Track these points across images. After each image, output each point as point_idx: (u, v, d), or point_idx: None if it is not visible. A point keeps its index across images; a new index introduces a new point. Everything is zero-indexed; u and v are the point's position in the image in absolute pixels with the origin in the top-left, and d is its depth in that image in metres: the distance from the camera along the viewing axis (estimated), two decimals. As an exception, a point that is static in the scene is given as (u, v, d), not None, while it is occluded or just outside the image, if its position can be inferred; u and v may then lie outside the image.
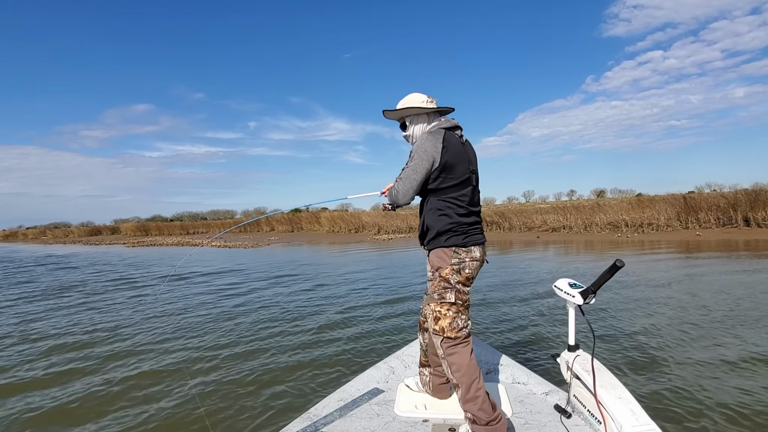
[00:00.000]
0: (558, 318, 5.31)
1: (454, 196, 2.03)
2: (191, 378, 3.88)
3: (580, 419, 2.07)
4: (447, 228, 2.02)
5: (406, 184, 2.03)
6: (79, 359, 4.58)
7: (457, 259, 2.01)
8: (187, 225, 46.21)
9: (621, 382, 1.93)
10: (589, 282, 2.02)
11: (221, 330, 5.47)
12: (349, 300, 7.04)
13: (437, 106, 2.16)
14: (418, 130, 2.16)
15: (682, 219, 17.42)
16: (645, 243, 14.28)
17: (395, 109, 2.16)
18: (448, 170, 2.00)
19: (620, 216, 18.89)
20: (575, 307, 2.10)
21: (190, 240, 30.65)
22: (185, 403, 3.38)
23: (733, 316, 5.03)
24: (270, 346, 4.72)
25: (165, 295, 8.23)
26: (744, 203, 16.22)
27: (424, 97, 2.15)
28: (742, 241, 13.36)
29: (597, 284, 1.95)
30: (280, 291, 8.22)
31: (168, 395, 3.56)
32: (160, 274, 12.01)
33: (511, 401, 2.35)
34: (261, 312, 6.44)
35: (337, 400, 2.42)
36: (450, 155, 1.99)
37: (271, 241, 25.80)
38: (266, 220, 37.08)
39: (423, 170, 1.99)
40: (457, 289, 2.01)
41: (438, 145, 1.98)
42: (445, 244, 2.01)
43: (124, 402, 3.47)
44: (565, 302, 2.11)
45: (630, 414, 1.74)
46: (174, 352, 4.67)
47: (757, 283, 6.80)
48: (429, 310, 2.05)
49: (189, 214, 75.32)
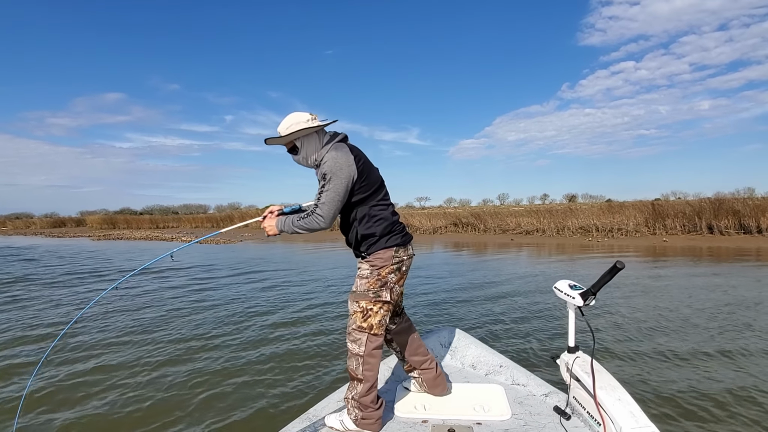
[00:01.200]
0: (558, 319, 5.33)
1: (379, 199, 2.10)
2: (189, 377, 3.83)
3: (580, 421, 2.06)
4: (387, 231, 2.07)
5: (331, 208, 1.98)
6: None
7: (397, 258, 2.08)
8: (157, 219, 44.82)
9: (621, 384, 1.91)
10: (580, 282, 2.02)
11: (212, 328, 5.27)
12: (339, 299, 6.88)
13: (321, 122, 2.09)
14: (311, 150, 2.08)
15: (650, 225, 17.92)
16: (615, 247, 14.61)
17: (283, 135, 2.05)
18: (365, 178, 2.03)
19: (591, 221, 19.30)
20: (575, 308, 2.10)
21: (159, 234, 29.74)
22: (185, 402, 3.35)
23: (722, 321, 5.13)
24: (266, 346, 4.64)
25: (149, 290, 7.88)
26: (708, 211, 16.81)
27: (306, 115, 2.07)
28: (706, 247, 13.82)
29: (597, 286, 1.95)
30: (257, 288, 7.99)
31: (168, 393, 3.53)
32: (123, 269, 11.56)
33: (510, 402, 2.34)
34: (247, 312, 6.22)
35: (336, 401, 2.38)
36: (362, 164, 2.03)
37: (245, 237, 25.29)
38: (240, 216, 36.38)
39: (344, 190, 1.98)
40: (392, 289, 2.07)
41: (350, 158, 1.99)
42: (386, 245, 2.06)
43: (123, 400, 3.42)
44: (565, 304, 2.12)
45: (629, 416, 1.74)
46: (160, 347, 4.45)
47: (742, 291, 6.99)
48: (356, 308, 2.06)
49: (160, 207, 73.19)
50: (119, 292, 7.59)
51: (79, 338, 4.90)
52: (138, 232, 34.33)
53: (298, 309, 6.23)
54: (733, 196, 18.78)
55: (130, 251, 17.62)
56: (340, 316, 5.72)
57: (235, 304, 6.68)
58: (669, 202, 20.55)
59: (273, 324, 5.48)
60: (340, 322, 5.50)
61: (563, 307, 5.82)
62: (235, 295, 7.44)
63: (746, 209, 16.19)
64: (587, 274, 8.94)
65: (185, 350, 4.53)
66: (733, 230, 16.06)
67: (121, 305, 6.67)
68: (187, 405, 3.31)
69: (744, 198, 16.86)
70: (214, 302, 6.81)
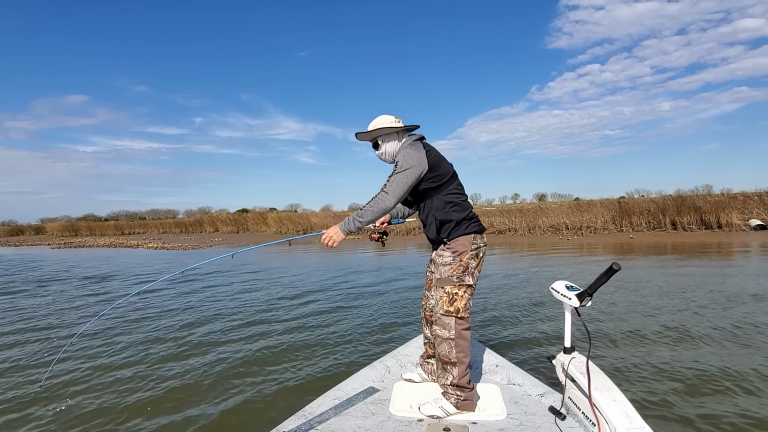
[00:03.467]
0: (554, 319, 5.29)
1: (454, 187, 2.29)
2: (184, 377, 3.83)
3: (575, 421, 2.08)
4: (464, 217, 2.24)
5: (397, 188, 2.14)
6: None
7: (476, 245, 2.24)
8: (122, 225, 43.20)
9: (616, 385, 1.92)
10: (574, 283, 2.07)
11: (207, 329, 4.97)
12: (338, 301, 6.67)
13: (404, 125, 2.39)
14: (390, 147, 2.38)
15: (617, 222, 18.39)
16: (584, 245, 14.89)
17: (368, 131, 2.36)
18: (437, 170, 2.24)
19: (561, 219, 19.66)
20: (571, 309, 2.12)
21: (124, 241, 28.61)
22: (183, 400, 3.36)
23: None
24: (262, 347, 4.62)
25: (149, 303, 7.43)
26: (672, 208, 17.37)
27: (392, 117, 2.37)
28: (670, 243, 14.24)
29: (593, 287, 1.98)
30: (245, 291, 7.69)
31: (163, 391, 3.53)
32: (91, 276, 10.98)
33: (506, 402, 2.35)
34: (244, 315, 5.93)
35: (332, 399, 2.42)
36: (433, 157, 2.25)
37: (215, 242, 24.62)
38: (210, 220, 35.47)
39: (412, 177, 2.16)
40: (473, 274, 2.24)
41: (421, 151, 2.22)
42: (466, 231, 2.22)
43: (120, 402, 3.37)
44: (562, 304, 2.15)
45: (624, 417, 1.76)
46: (152, 348, 4.14)
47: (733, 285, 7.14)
48: (442, 293, 2.22)
49: (126, 213, 70.70)
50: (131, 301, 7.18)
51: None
52: (101, 239, 32.97)
53: (289, 310, 6.01)
54: (693, 193, 19.43)
55: (96, 258, 16.82)
56: (323, 313, 5.53)
57: (234, 303, 6.40)
58: (635, 200, 21.17)
59: (270, 324, 5.31)
60: (331, 320, 5.39)
61: (552, 305, 5.87)
62: (238, 294, 7.13)
63: (707, 206, 16.82)
64: (561, 272, 9.03)
65: (181, 346, 4.46)
66: (695, 226, 16.65)
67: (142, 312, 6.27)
68: (182, 403, 3.31)
69: (704, 195, 17.49)
70: (206, 302, 6.50)
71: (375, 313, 6.02)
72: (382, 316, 5.78)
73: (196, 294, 7.91)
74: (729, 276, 7.76)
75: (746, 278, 7.48)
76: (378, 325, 5.37)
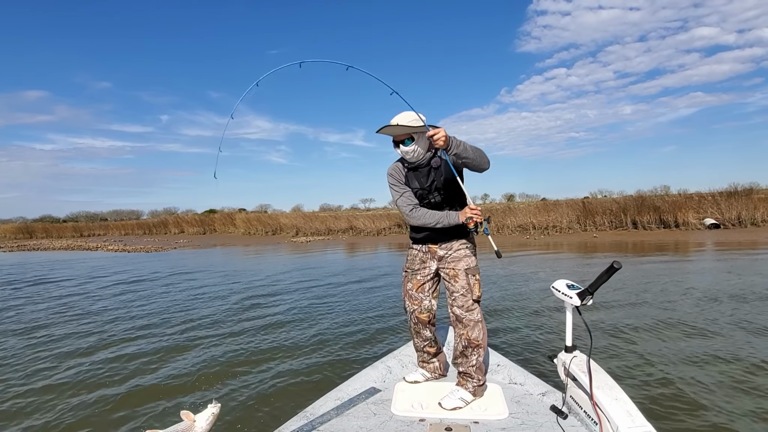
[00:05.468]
0: (555, 318, 5.29)
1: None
2: (184, 378, 3.83)
3: (577, 420, 2.07)
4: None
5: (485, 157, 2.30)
6: None
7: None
8: (81, 227, 41.30)
9: (617, 383, 1.90)
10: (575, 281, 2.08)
11: (207, 328, 4.76)
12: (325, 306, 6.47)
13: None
14: (423, 144, 2.34)
15: (582, 222, 18.91)
16: (550, 244, 15.21)
17: (410, 125, 2.26)
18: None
19: (528, 219, 20.05)
20: (572, 308, 2.11)
21: (82, 243, 27.33)
22: (182, 402, 3.35)
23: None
24: (261, 347, 4.62)
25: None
26: (632, 208, 18.01)
27: (419, 115, 2.28)
28: (631, 242, 14.72)
29: (594, 285, 1.97)
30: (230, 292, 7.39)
31: (162, 392, 3.53)
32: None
33: (507, 402, 2.35)
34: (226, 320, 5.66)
35: (334, 399, 2.41)
36: None
37: (179, 244, 23.86)
38: (175, 221, 34.42)
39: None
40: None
41: None
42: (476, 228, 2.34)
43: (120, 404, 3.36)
44: (563, 303, 2.14)
45: (626, 415, 1.75)
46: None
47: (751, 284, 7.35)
48: (474, 281, 2.37)
49: (86, 214, 67.41)
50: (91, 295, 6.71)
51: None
52: (58, 241, 31.42)
53: (279, 311, 5.81)
54: (652, 193, 20.19)
55: (50, 262, 15.96)
56: (323, 313, 5.37)
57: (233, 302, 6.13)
58: (597, 200, 21.83)
59: (265, 325, 5.35)
60: (331, 320, 5.38)
61: (546, 304, 5.91)
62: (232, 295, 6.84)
63: (665, 206, 17.53)
64: (536, 272, 9.16)
65: (176, 348, 4.41)
66: (654, 225, 17.30)
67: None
68: (181, 405, 3.27)
69: (663, 195, 18.21)
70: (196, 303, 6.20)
71: (375, 312, 6.01)
72: (382, 316, 5.76)
73: (189, 291, 7.59)
74: (689, 272, 8.06)
75: (710, 275, 7.77)
76: (378, 324, 5.36)
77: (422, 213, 2.36)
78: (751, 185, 19.53)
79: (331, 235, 24.44)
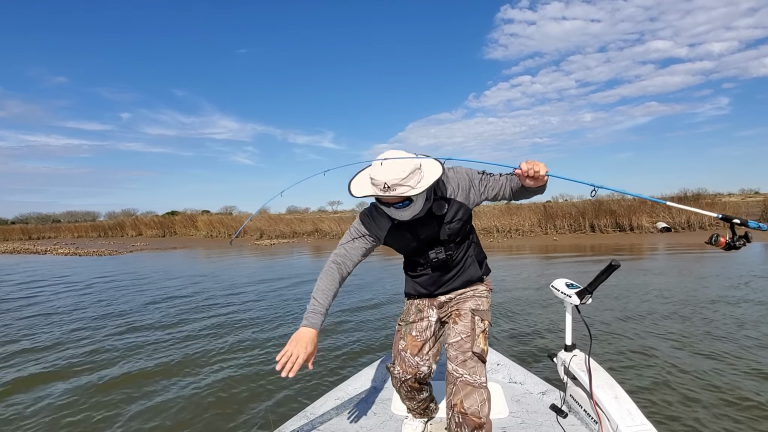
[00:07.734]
0: (554, 317, 5.32)
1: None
2: (183, 376, 3.85)
3: (577, 419, 2.08)
4: (484, 256, 2.03)
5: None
6: None
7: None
8: (30, 229, 38.97)
9: (617, 382, 1.92)
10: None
11: (205, 330, 4.49)
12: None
13: (421, 155, 1.68)
14: (423, 197, 1.65)
15: (543, 225, 19.41)
16: (513, 247, 15.52)
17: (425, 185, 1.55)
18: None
19: (492, 222, 20.41)
20: (572, 307, 2.10)
21: (30, 246, 25.79)
22: (180, 401, 3.35)
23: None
24: (260, 348, 4.62)
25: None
26: (590, 212, 18.63)
27: (409, 154, 1.62)
28: (589, 245, 15.22)
29: (593, 284, 1.96)
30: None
31: (164, 391, 3.54)
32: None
33: (507, 401, 2.35)
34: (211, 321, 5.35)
35: (334, 399, 2.40)
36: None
37: (136, 247, 22.88)
38: (133, 224, 33.04)
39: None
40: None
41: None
42: (488, 269, 2.03)
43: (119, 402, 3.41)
44: (562, 302, 2.13)
45: (626, 414, 1.75)
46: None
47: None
48: (477, 327, 1.79)
49: (37, 215, 63.54)
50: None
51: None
52: (3, 244, 29.56)
53: (270, 313, 5.58)
54: (608, 198, 20.92)
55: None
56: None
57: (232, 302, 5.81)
58: (558, 204, 22.40)
59: (262, 325, 5.20)
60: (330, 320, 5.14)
61: (539, 302, 5.95)
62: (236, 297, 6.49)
63: (621, 210, 18.21)
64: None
65: (175, 351, 4.08)
66: (611, 228, 17.96)
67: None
68: (181, 406, 3.27)
69: (619, 200, 18.90)
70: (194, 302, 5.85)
71: (370, 313, 6.01)
72: (379, 317, 5.76)
73: (192, 297, 7.20)
74: (647, 271, 8.36)
75: (670, 275, 8.08)
76: (376, 324, 5.35)
77: (325, 273, 1.73)
78: (699, 191, 20.45)
79: (296, 238, 24.08)
